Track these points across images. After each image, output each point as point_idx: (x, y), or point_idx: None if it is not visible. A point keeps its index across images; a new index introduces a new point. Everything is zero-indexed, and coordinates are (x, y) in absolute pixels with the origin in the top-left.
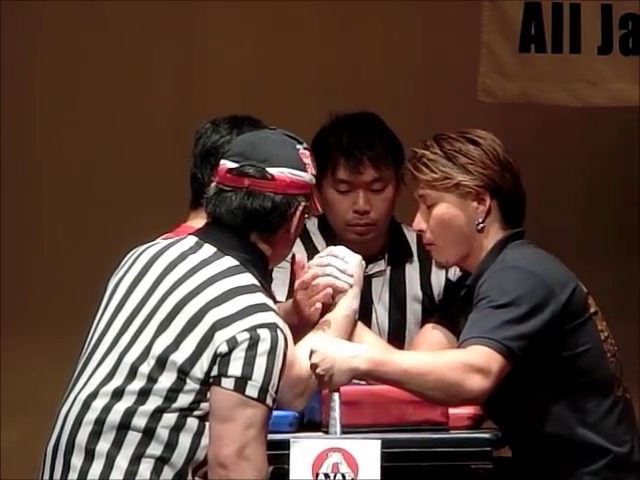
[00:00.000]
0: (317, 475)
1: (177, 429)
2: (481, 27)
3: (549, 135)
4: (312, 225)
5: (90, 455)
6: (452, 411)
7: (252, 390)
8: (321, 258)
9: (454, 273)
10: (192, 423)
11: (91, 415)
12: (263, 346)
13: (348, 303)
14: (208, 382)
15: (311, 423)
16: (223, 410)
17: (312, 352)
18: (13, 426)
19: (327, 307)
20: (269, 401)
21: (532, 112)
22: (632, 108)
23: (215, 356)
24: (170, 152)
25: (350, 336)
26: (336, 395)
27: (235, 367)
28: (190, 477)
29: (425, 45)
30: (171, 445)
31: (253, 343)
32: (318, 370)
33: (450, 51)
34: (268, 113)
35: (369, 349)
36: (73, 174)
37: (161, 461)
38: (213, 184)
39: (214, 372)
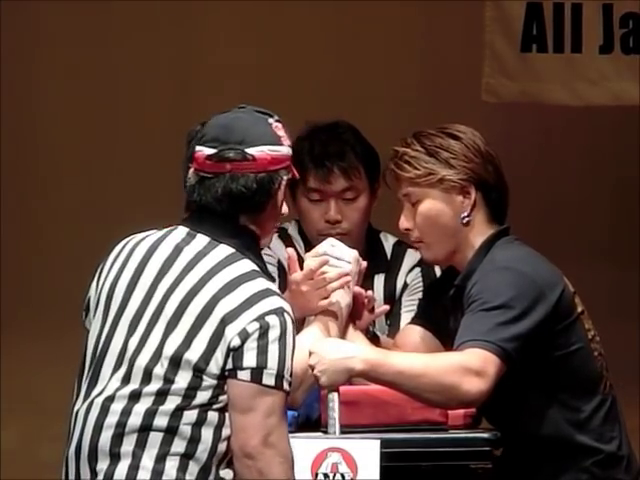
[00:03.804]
0: (316, 475)
1: (199, 424)
2: (483, 28)
3: (550, 135)
4: (293, 230)
5: (116, 458)
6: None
7: (269, 378)
8: (318, 249)
9: (414, 276)
10: (213, 417)
11: (111, 419)
12: (274, 333)
13: (343, 297)
14: (224, 376)
15: (308, 421)
16: (243, 401)
17: (310, 353)
18: (13, 426)
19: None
20: (286, 386)
21: (533, 112)
22: (633, 107)
23: (229, 350)
24: (170, 153)
25: (344, 331)
26: (335, 395)
27: (249, 358)
28: (214, 469)
29: (427, 46)
30: (194, 440)
31: (264, 332)
32: (315, 371)
33: (452, 52)
34: None
35: (365, 350)
36: (73, 174)
37: (186, 457)
38: (192, 172)
39: (229, 365)
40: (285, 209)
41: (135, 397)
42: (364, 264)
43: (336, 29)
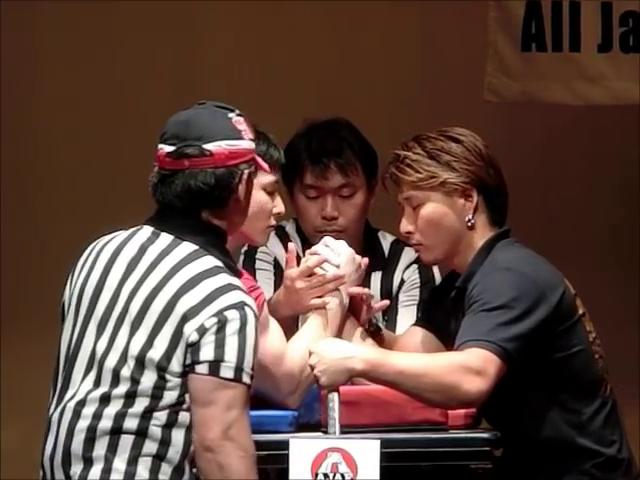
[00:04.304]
0: (316, 475)
1: (169, 426)
2: (486, 27)
3: (550, 134)
4: (291, 228)
5: (88, 462)
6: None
7: (227, 371)
8: (314, 247)
9: (411, 273)
10: (183, 418)
11: (83, 423)
12: (232, 326)
13: (337, 296)
14: (186, 373)
15: (309, 422)
16: (202, 395)
17: (310, 353)
18: (13, 426)
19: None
20: (246, 379)
21: (534, 111)
22: (633, 107)
23: (187, 346)
24: None
25: (341, 329)
26: (335, 395)
27: (207, 351)
28: (188, 469)
29: (426, 45)
30: (165, 442)
31: (221, 326)
32: (315, 371)
33: (453, 51)
34: (268, 113)
35: (366, 350)
36: (72, 174)
37: (158, 458)
38: (155, 170)
39: (188, 361)
40: (282, 208)
41: (105, 400)
42: (364, 261)
43: (336, 29)
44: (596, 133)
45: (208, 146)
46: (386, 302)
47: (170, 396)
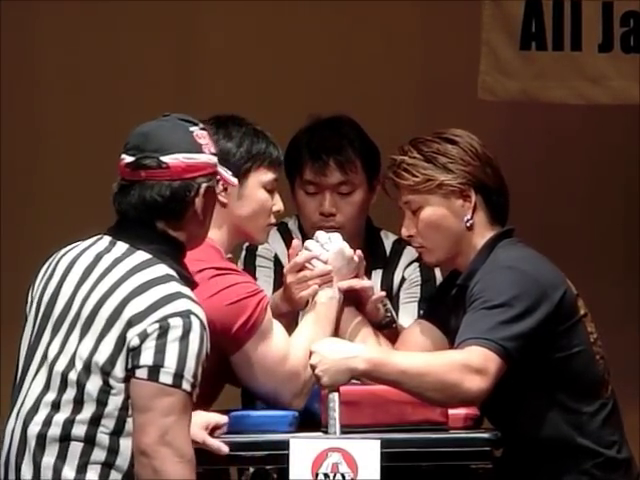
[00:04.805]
0: (317, 475)
1: (117, 434)
2: (481, 25)
3: (552, 135)
4: (293, 224)
5: (37, 470)
6: (451, 411)
7: (166, 377)
8: (306, 242)
9: (412, 271)
10: (130, 426)
11: (33, 429)
12: (174, 333)
13: (327, 292)
14: (129, 378)
15: (311, 419)
16: (141, 400)
17: (311, 353)
18: None
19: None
20: (186, 386)
21: (534, 111)
22: (634, 107)
23: (128, 351)
24: None
25: (338, 321)
26: (335, 395)
27: (146, 356)
28: None
29: (426, 44)
30: (114, 450)
31: (163, 332)
32: (317, 371)
33: (451, 50)
34: (267, 113)
35: (368, 349)
36: (72, 174)
37: (107, 466)
38: (118, 180)
39: (129, 365)
40: (280, 206)
41: (55, 406)
42: (358, 254)
43: (335, 28)
44: (597, 133)
45: (165, 158)
46: (382, 293)
47: (115, 402)
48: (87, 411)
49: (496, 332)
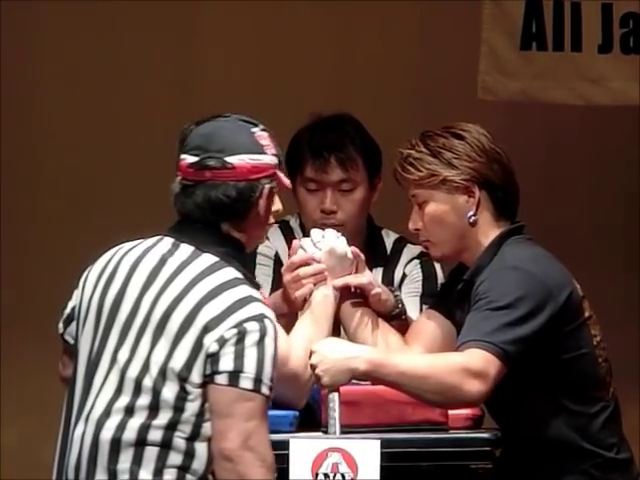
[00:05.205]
0: (317, 475)
1: (193, 438)
2: (481, 25)
3: (551, 135)
4: (294, 222)
5: (113, 475)
6: (451, 411)
7: (246, 382)
8: (302, 240)
9: (412, 267)
10: (206, 430)
11: (106, 434)
12: (251, 338)
13: (321, 291)
14: (206, 384)
15: (312, 419)
16: (222, 406)
17: (312, 353)
18: (13, 426)
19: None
20: (265, 390)
21: (534, 112)
22: (633, 108)
23: (207, 357)
24: (170, 153)
25: (337, 319)
26: (335, 395)
27: (226, 362)
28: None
29: (425, 44)
30: (189, 454)
31: (241, 337)
32: (317, 371)
33: (450, 50)
34: (267, 113)
35: (369, 350)
36: (72, 175)
37: (183, 470)
38: (177, 180)
39: (207, 371)
40: (279, 206)
41: (129, 412)
42: (353, 250)
43: (335, 29)
44: (597, 134)
45: (230, 159)
46: (380, 290)
47: (192, 408)
48: (163, 417)
49: (498, 335)
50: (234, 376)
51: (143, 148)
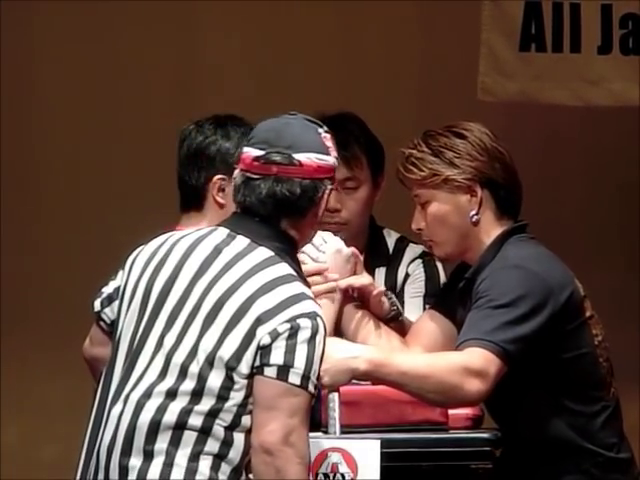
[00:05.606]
0: (316, 475)
1: (232, 428)
2: (481, 26)
3: (550, 135)
4: None
5: (149, 455)
6: (451, 411)
7: (295, 377)
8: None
9: (415, 267)
10: (246, 421)
11: (146, 415)
12: (303, 334)
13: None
14: (253, 375)
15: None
16: (267, 399)
17: None
18: (13, 426)
19: None
20: (311, 388)
21: (533, 113)
22: (633, 108)
23: (258, 349)
24: (170, 153)
25: (339, 321)
26: (335, 395)
27: (277, 356)
28: (245, 472)
29: (425, 45)
30: (228, 442)
31: (294, 332)
32: None
33: (450, 51)
34: (267, 113)
35: (369, 350)
36: (73, 176)
37: (219, 458)
38: (237, 172)
39: (257, 363)
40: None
41: (171, 395)
42: (353, 250)
43: (335, 29)
44: (596, 135)
45: (298, 156)
46: (382, 289)
47: (236, 397)
48: (206, 403)
49: (498, 333)
50: (283, 370)
51: (143, 148)
